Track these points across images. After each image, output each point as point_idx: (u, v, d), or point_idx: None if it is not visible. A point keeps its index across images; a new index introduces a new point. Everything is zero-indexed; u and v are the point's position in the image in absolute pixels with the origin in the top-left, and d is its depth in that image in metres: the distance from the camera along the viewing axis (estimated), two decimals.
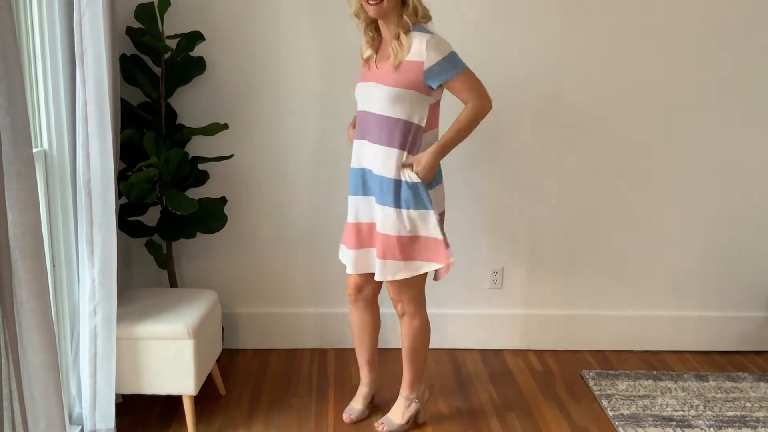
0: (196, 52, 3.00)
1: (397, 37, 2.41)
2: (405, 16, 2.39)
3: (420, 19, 2.42)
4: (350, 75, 3.10)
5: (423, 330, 2.64)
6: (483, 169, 3.28)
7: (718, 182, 3.36)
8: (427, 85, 2.41)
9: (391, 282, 2.54)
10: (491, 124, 3.23)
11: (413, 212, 2.46)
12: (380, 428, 2.71)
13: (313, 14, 3.10)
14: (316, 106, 3.19)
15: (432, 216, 2.46)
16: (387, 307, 2.78)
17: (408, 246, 2.48)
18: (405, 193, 2.45)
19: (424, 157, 2.45)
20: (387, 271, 2.50)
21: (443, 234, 2.48)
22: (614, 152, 3.30)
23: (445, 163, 2.59)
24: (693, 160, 3.33)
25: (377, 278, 2.54)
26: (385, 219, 2.48)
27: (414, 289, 2.57)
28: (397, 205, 2.46)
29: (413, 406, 2.72)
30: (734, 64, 3.23)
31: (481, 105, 2.46)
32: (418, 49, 2.38)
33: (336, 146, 3.19)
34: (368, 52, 2.55)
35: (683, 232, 3.40)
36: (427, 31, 2.41)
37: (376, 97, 2.47)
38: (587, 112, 3.25)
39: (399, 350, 2.72)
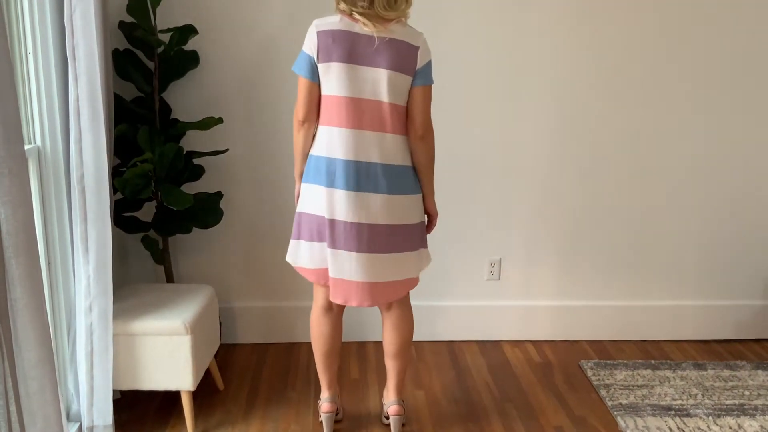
0: (190, 45, 2.98)
1: None
2: None
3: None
4: None
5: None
6: (480, 162, 3.27)
7: (715, 171, 3.35)
8: None
9: None
10: (491, 120, 3.23)
11: None
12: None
13: (307, 6, 3.08)
14: None
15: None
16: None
17: None
18: None
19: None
20: None
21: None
22: (611, 142, 3.29)
23: (445, 159, 2.58)
24: (690, 149, 3.32)
25: None
26: None
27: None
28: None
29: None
30: (734, 52, 3.22)
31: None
32: None
33: None
34: None
35: (680, 222, 3.40)
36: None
37: None
38: (584, 104, 3.25)
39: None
